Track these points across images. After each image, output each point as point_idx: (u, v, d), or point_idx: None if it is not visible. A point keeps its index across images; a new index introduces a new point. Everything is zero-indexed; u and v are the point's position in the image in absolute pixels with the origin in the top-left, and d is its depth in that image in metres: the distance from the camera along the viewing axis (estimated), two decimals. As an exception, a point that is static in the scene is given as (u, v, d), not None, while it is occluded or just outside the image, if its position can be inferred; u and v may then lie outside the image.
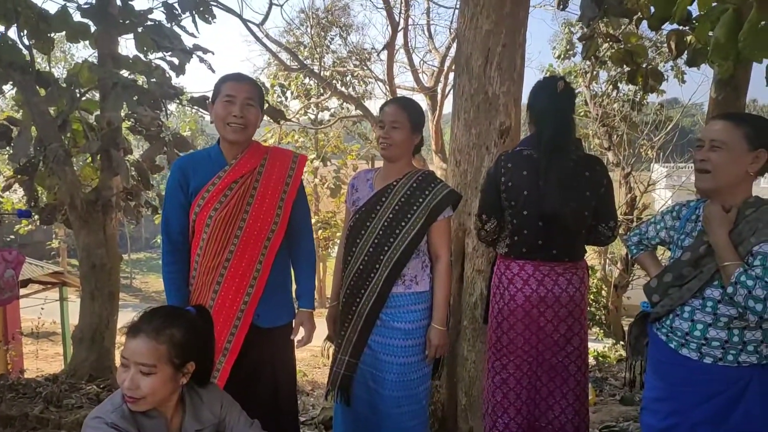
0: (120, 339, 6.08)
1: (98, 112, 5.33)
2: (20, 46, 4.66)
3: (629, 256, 11.31)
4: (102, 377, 5.25)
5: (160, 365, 1.52)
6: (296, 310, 2.34)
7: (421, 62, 13.89)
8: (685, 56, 4.16)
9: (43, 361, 12.08)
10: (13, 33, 4.56)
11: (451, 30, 12.41)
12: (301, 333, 2.29)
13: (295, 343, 2.29)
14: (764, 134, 1.75)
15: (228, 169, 2.13)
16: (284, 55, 13.63)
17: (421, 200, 2.29)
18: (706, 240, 1.78)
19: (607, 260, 12.85)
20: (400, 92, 12.71)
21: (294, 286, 2.36)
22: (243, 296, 2.12)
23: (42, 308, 11.48)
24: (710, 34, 2.60)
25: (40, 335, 12.81)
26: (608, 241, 2.45)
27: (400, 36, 12.13)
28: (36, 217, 5.82)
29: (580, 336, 2.37)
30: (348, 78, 15.69)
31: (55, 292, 11.62)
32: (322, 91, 15.90)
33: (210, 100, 2.18)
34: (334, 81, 14.61)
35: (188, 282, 2.19)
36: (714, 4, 2.70)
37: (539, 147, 2.30)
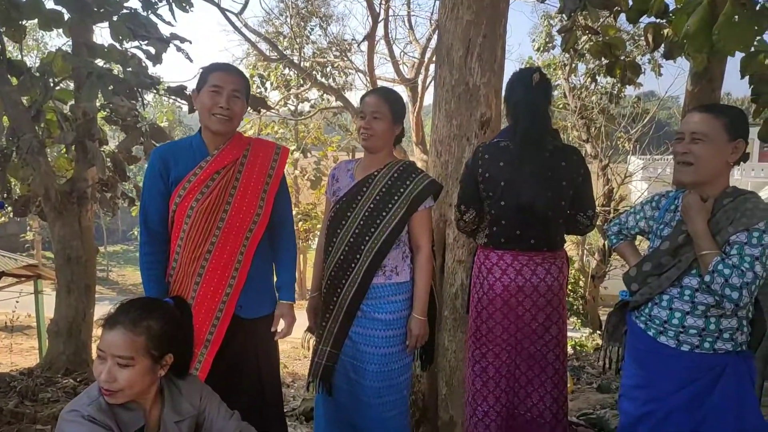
0: (96, 332, 6.00)
1: (73, 102, 5.22)
2: (-10, 33, 4.54)
3: (606, 247, 11.49)
4: (78, 371, 5.18)
5: (137, 357, 1.50)
6: (277, 302, 2.32)
7: (402, 53, 13.89)
8: (662, 49, 4.21)
9: (18, 355, 11.86)
10: (-18, 20, 4.43)
11: (432, 21, 12.41)
12: (282, 325, 2.28)
13: (276, 335, 2.28)
14: (741, 124, 1.78)
15: (210, 160, 2.10)
16: (263, 46, 13.49)
17: (402, 190, 2.29)
18: (684, 229, 1.81)
19: (585, 251, 13.03)
20: (380, 83, 12.67)
21: (275, 278, 2.34)
22: (225, 287, 2.11)
23: (17, 302, 11.27)
24: (686, 25, 2.63)
25: (14, 329, 12.59)
26: (587, 230, 2.48)
27: (380, 27, 12.09)
28: (9, 209, 5.70)
29: (558, 325, 2.40)
30: (328, 69, 15.60)
31: (29, 285, 11.42)
32: (302, 82, 15.79)
33: (195, 88, 2.14)
34: (314, 72, 14.51)
35: (167, 273, 2.16)
36: (690, -3, 2.74)
37: (515, 138, 2.32)
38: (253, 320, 2.20)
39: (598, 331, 10.87)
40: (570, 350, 6.98)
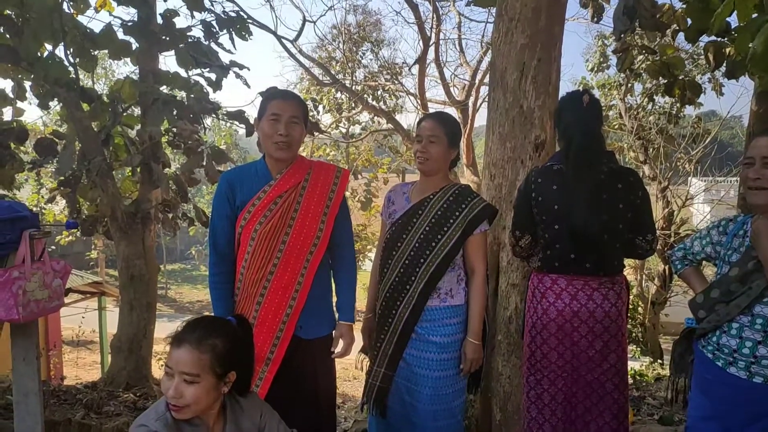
0: (157, 348, 6.20)
1: (139, 127, 5.49)
2: (66, 63, 4.84)
3: (667, 272, 11.04)
4: (138, 386, 5.35)
5: (203, 374, 1.55)
6: (336, 322, 2.36)
7: (452, 76, 13.92)
8: (723, 68, 4.09)
9: (82, 368, 12.36)
10: (59, 51, 4.74)
11: (483, 44, 12.43)
12: (340, 345, 2.31)
13: (334, 355, 2.31)
14: None
15: (273, 184, 2.18)
16: (317, 70, 13.82)
17: (457, 214, 2.30)
18: (754, 255, 1.74)
19: (644, 276, 12.57)
20: (431, 106, 12.75)
21: (335, 298, 2.38)
22: (285, 308, 2.16)
23: (83, 317, 11.76)
24: (750, 45, 2.56)
25: (79, 343, 13.13)
26: (646, 254, 2.41)
27: (431, 50, 12.19)
28: (78, 228, 5.99)
29: (618, 353, 2.32)
30: (379, 92, 15.80)
31: (94, 301, 11.92)
32: (353, 105, 16.06)
33: (257, 116, 2.22)
34: (365, 95, 14.74)
35: (233, 292, 2.24)
36: (754, 15, 2.66)
37: (567, 161, 2.29)
38: (312, 340, 2.24)
39: (659, 360, 10.41)
40: (629, 380, 6.72)
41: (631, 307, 12.15)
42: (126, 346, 5.56)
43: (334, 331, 2.32)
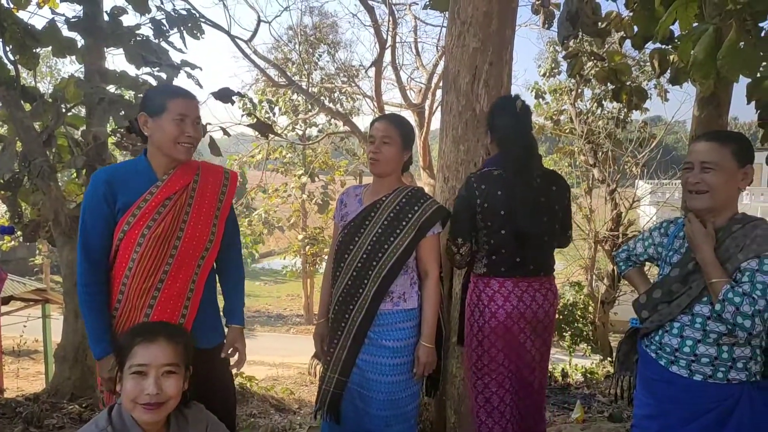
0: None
1: (84, 128, 5.29)
2: (5, 61, 4.62)
3: (615, 272, 11.37)
4: (84, 396, 5.15)
5: (180, 365, 1.58)
6: (227, 326, 2.25)
7: (409, 79, 14.02)
8: (668, 74, 4.23)
9: (24, 380, 11.83)
10: (-2, 48, 4.52)
11: (438, 47, 12.55)
12: (237, 355, 2.21)
13: (230, 364, 2.22)
14: (748, 150, 1.79)
15: (161, 185, 2.02)
16: (273, 72, 13.68)
17: (410, 216, 2.28)
18: (694, 256, 1.80)
19: (594, 276, 12.92)
20: (387, 108, 12.78)
21: (222, 303, 2.28)
22: (178, 318, 2.01)
23: (24, 326, 11.27)
24: (691, 52, 2.65)
25: (21, 353, 12.58)
26: (563, 246, 2.63)
27: (387, 53, 12.24)
28: (19, 233, 5.73)
29: (548, 352, 2.47)
30: (336, 94, 15.78)
31: (37, 309, 11.43)
32: (310, 107, 15.96)
33: (145, 112, 2.02)
34: (322, 97, 14.67)
35: (111, 307, 2.02)
36: (695, 24, 2.76)
37: (508, 166, 2.32)
38: (211, 350, 2.13)
39: (609, 358, 10.71)
40: (580, 378, 6.88)
41: (581, 306, 12.48)
42: (71, 355, 5.34)
43: (227, 337, 2.21)
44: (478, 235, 2.36)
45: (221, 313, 2.25)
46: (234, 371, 2.27)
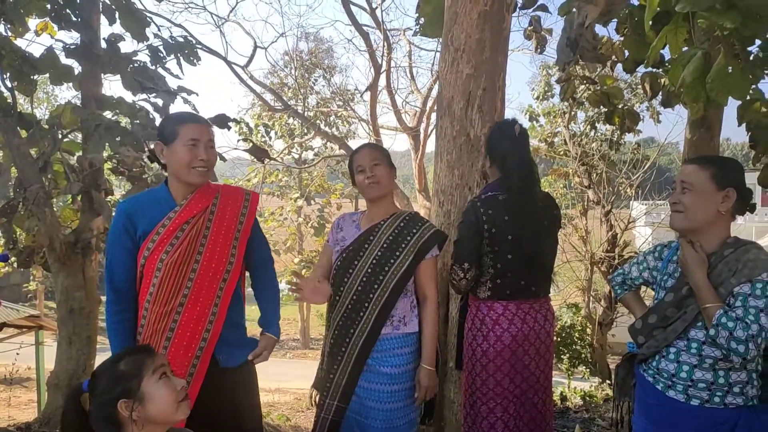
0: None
1: (80, 153, 5.30)
2: (2, 88, 4.65)
3: (612, 294, 11.34)
4: (77, 425, 5.07)
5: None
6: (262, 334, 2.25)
7: (404, 103, 14.16)
8: (659, 97, 4.29)
9: (16, 408, 11.63)
10: (-5, 75, 4.55)
11: (433, 72, 12.68)
12: (263, 353, 2.19)
13: (257, 384, 2.23)
14: (731, 174, 1.80)
15: (179, 210, 2.06)
16: (269, 96, 13.78)
17: (408, 239, 2.30)
18: (687, 281, 1.80)
19: (591, 297, 12.89)
20: (383, 132, 12.88)
21: (252, 319, 2.29)
22: (199, 341, 2.03)
23: (17, 353, 11.13)
24: (682, 76, 2.69)
25: (13, 381, 12.39)
26: None
27: (382, 77, 12.35)
28: (13, 260, 5.70)
29: (550, 371, 2.48)
30: (332, 118, 15.88)
31: (30, 336, 11.30)
32: (305, 131, 16.05)
33: (161, 140, 2.09)
34: (317, 121, 14.76)
35: (136, 332, 2.08)
36: (684, 48, 2.81)
37: (512, 190, 2.34)
38: (234, 369, 2.13)
39: (608, 381, 10.62)
40: (579, 401, 6.82)
41: (579, 328, 12.40)
42: (64, 383, 5.26)
43: (259, 342, 2.20)
44: (482, 260, 2.36)
45: (250, 326, 2.27)
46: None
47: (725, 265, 1.75)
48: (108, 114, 5.36)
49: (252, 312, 2.31)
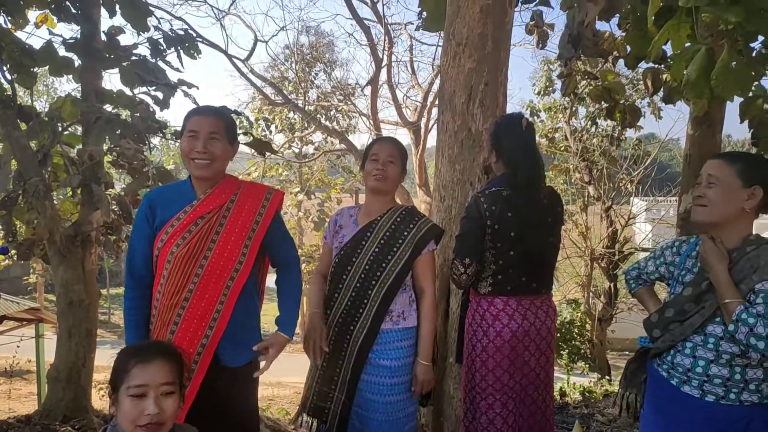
0: (97, 377, 5.90)
1: (80, 146, 5.29)
2: (2, 80, 4.64)
3: (612, 289, 11.34)
4: (77, 417, 5.08)
5: (176, 384, 1.57)
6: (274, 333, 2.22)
7: (405, 97, 14.13)
8: (661, 93, 4.27)
9: (16, 401, 11.66)
10: (-5, 67, 4.53)
11: (434, 66, 12.66)
12: (270, 354, 2.15)
13: (257, 386, 2.22)
14: (758, 171, 1.78)
15: (196, 204, 2.05)
16: (269, 90, 13.74)
17: (405, 234, 2.30)
18: (707, 276, 1.79)
19: (590, 293, 12.90)
20: (383, 126, 12.85)
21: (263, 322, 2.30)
22: (201, 338, 2.01)
23: (17, 346, 11.15)
24: (684, 72, 2.68)
25: (13, 374, 12.42)
26: None
27: (383, 72, 12.32)
28: (13, 252, 5.70)
29: (551, 367, 2.47)
30: (332, 112, 15.84)
31: (31, 328, 11.32)
32: (306, 125, 16.02)
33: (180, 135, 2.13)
34: (318, 115, 14.73)
35: (149, 319, 2.10)
36: (687, 44, 2.79)
37: (517, 186, 2.32)
38: (236, 368, 2.11)
39: (607, 377, 10.64)
40: (579, 397, 6.83)
41: (578, 324, 12.42)
42: (64, 376, 5.27)
43: (269, 341, 2.16)
44: (484, 255, 2.35)
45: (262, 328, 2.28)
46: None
47: (747, 261, 1.73)
48: (108, 107, 5.34)
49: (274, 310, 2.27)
